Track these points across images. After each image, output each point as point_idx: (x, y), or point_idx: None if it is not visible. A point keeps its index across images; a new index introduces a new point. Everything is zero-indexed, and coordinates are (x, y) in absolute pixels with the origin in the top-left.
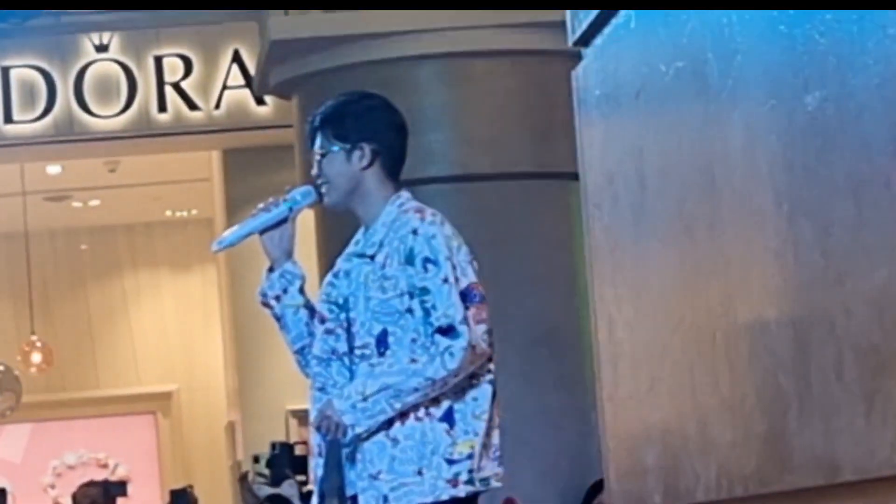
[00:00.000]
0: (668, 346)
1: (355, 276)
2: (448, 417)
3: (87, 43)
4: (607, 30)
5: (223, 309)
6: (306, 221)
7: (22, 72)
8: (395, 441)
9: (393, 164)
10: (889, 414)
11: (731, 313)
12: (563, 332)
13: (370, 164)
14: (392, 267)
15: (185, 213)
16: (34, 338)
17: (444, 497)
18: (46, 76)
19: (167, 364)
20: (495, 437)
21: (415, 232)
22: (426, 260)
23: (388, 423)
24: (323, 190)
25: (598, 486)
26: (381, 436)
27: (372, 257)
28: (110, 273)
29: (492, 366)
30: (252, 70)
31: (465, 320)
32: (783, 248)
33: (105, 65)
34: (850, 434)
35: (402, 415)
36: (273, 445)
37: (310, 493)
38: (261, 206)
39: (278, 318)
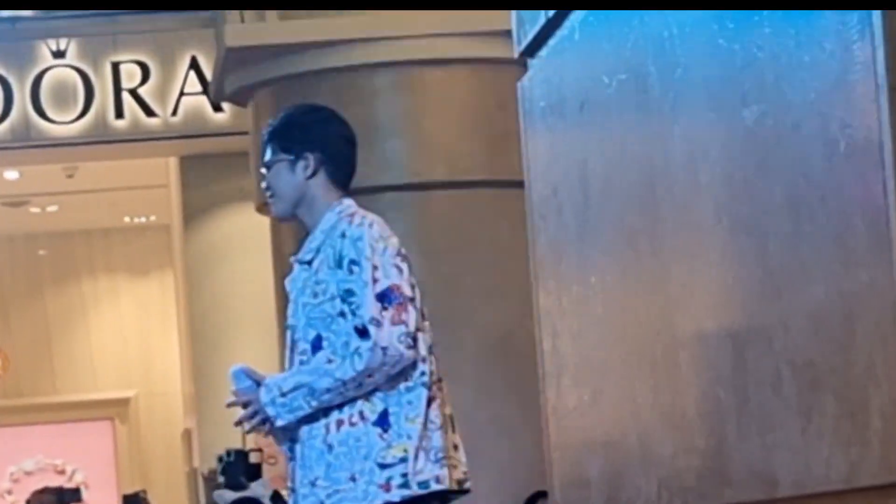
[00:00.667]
0: (610, 359)
1: (296, 283)
2: (383, 421)
3: (45, 49)
4: (552, 41)
5: (180, 315)
6: (263, 229)
7: None
8: (330, 447)
9: (339, 173)
10: (825, 429)
11: (671, 327)
12: (518, 341)
13: (314, 174)
14: (323, 271)
15: (143, 220)
16: None
17: (378, 502)
18: (3, 82)
19: (125, 370)
20: (437, 440)
21: (343, 235)
22: (351, 262)
23: (326, 429)
24: (270, 201)
25: (534, 498)
26: (318, 442)
27: (309, 263)
28: (68, 279)
29: (425, 367)
30: (209, 77)
31: (374, 321)
32: (722, 262)
33: (62, 71)
34: (787, 449)
35: (338, 421)
36: (228, 453)
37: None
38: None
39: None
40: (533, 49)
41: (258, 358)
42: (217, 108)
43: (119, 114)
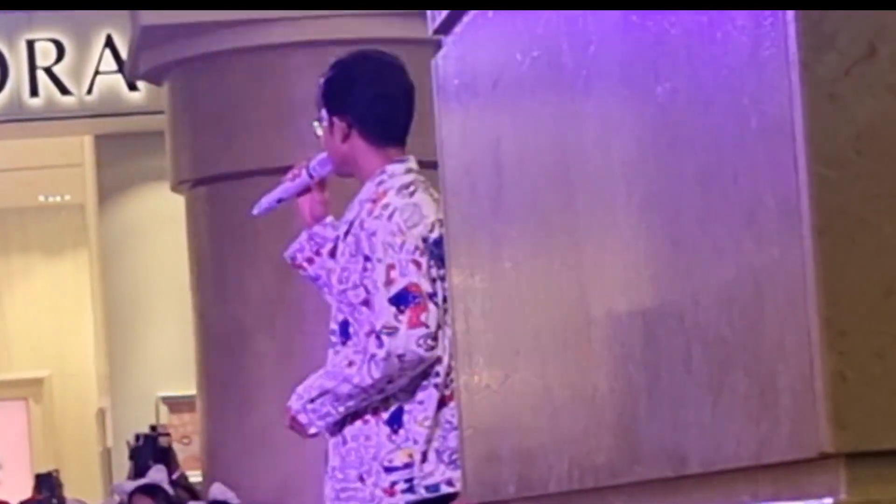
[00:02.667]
0: (522, 338)
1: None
2: (396, 420)
3: None
4: (466, 18)
5: (94, 295)
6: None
7: None
8: (344, 440)
9: (375, 133)
10: (735, 407)
11: (584, 305)
12: None
13: (347, 137)
14: (346, 257)
15: (58, 199)
16: None
17: None
18: None
19: (39, 350)
20: (452, 440)
21: (361, 226)
22: (366, 258)
23: (342, 420)
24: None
25: None
26: (336, 430)
27: (345, 235)
28: None
29: (439, 367)
30: (125, 55)
31: (386, 329)
32: (634, 239)
33: None
34: (697, 426)
35: (353, 414)
36: (137, 437)
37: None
38: (289, 174)
39: (314, 279)
40: (447, 27)
41: (172, 339)
42: (132, 87)
43: (34, 92)
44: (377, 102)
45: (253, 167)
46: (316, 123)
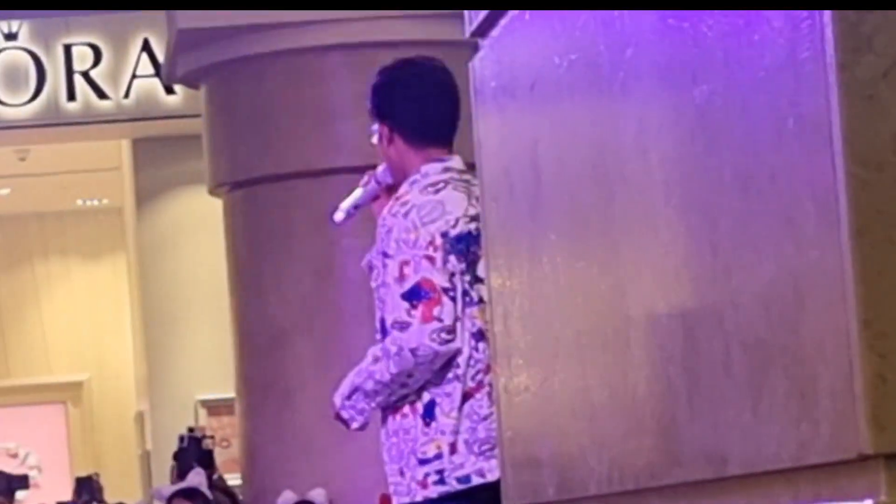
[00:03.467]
0: (561, 340)
1: None
2: (428, 413)
3: None
4: (503, 21)
5: (133, 298)
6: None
7: None
8: (388, 435)
9: (415, 134)
10: (775, 409)
11: (623, 307)
12: None
13: (391, 142)
14: (374, 254)
15: (95, 202)
16: None
17: (418, 499)
18: None
19: (78, 353)
20: (482, 431)
21: (383, 223)
22: (385, 255)
23: (386, 415)
24: None
25: None
26: (383, 426)
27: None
28: (21, 262)
29: (460, 359)
30: (161, 59)
31: (397, 324)
32: (673, 242)
33: (14, 53)
34: (737, 428)
35: (395, 409)
36: (181, 438)
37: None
38: (363, 180)
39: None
40: (484, 29)
41: (210, 342)
42: (169, 91)
43: (71, 96)
44: (414, 105)
45: (290, 170)
46: (370, 134)
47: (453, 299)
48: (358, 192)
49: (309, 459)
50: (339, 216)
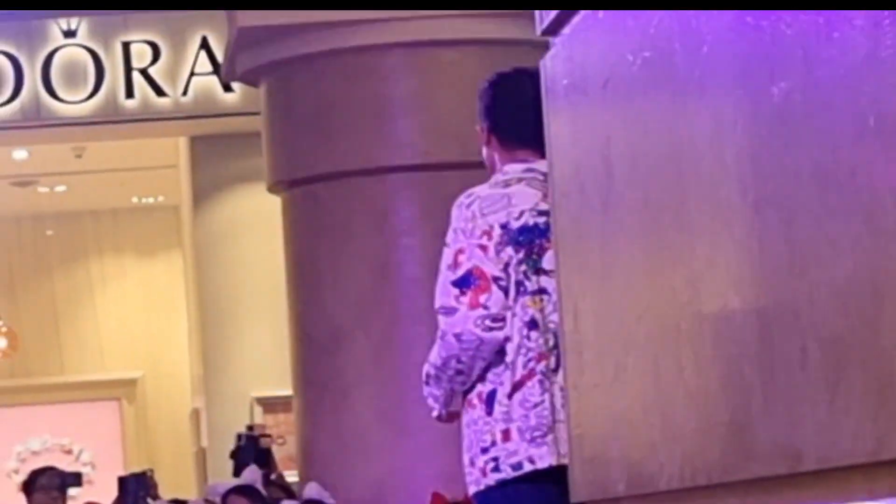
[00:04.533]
0: (632, 335)
1: None
2: (489, 401)
3: (55, 28)
4: (575, 19)
5: (189, 295)
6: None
7: None
8: (464, 427)
9: (507, 135)
10: (851, 403)
11: (695, 303)
12: None
13: (489, 142)
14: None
15: (151, 200)
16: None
17: (482, 487)
18: (14, 61)
19: (132, 350)
20: (534, 418)
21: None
22: (445, 244)
23: (462, 409)
24: None
25: None
26: (464, 415)
27: None
28: (76, 259)
29: (509, 346)
30: (220, 57)
31: (443, 309)
32: (748, 237)
33: (73, 50)
34: (813, 423)
35: (468, 402)
36: (239, 437)
37: (272, 478)
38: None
39: None
40: (555, 27)
41: (266, 340)
42: (227, 89)
43: (129, 93)
44: (510, 109)
45: (349, 168)
46: (478, 128)
47: (504, 289)
48: None
49: (364, 457)
50: None
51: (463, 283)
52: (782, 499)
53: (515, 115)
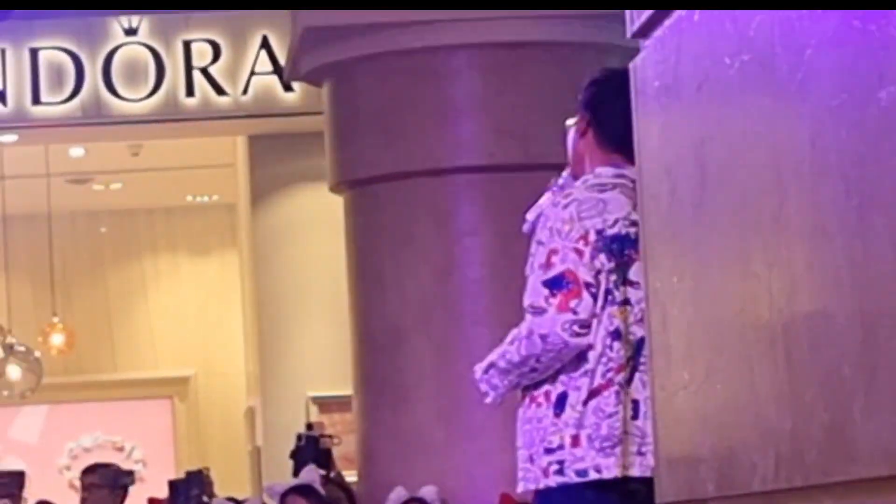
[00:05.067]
0: (725, 337)
1: None
2: (560, 404)
3: (116, 26)
4: (668, 21)
5: (245, 294)
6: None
7: (51, 53)
8: (523, 421)
9: (607, 136)
10: None
11: (793, 304)
12: None
13: (584, 133)
14: (532, 244)
15: (205, 199)
16: (56, 319)
17: (541, 486)
18: (75, 58)
19: (184, 349)
20: (605, 428)
21: (543, 212)
22: (538, 243)
23: (522, 403)
24: None
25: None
26: (521, 410)
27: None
28: (130, 257)
29: (591, 354)
30: (280, 56)
31: (532, 308)
32: (851, 240)
33: (134, 48)
34: None
35: (531, 398)
36: (299, 437)
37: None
38: (550, 183)
39: None
40: (647, 29)
41: (323, 339)
42: (287, 88)
43: (189, 92)
44: (614, 108)
45: (412, 168)
46: (569, 122)
47: (594, 296)
48: (543, 198)
49: (425, 457)
50: (526, 227)
51: (554, 285)
52: (883, 501)
53: (617, 115)
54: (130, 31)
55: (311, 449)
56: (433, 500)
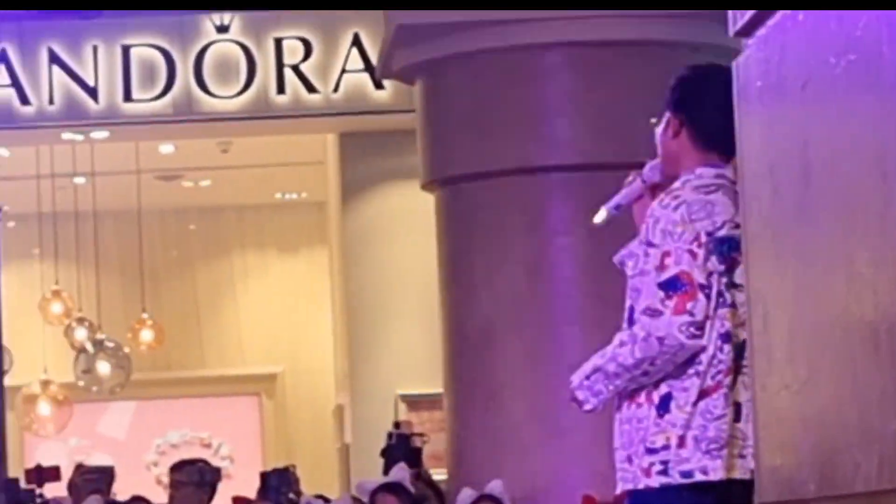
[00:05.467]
0: (828, 337)
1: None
2: (664, 405)
3: (208, 23)
4: (772, 20)
5: (334, 291)
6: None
7: (142, 51)
8: (621, 421)
9: (704, 136)
10: None
11: None
12: None
13: (677, 135)
14: (636, 244)
15: (295, 196)
16: (145, 315)
17: (641, 486)
18: (167, 55)
19: (272, 346)
20: (712, 430)
21: (651, 214)
22: (648, 244)
23: (620, 404)
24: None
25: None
26: (618, 413)
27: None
28: (218, 253)
29: (703, 356)
30: (371, 54)
31: (649, 311)
32: None
33: (225, 45)
34: None
35: (630, 396)
36: (390, 435)
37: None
38: (627, 180)
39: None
40: (750, 28)
41: (413, 337)
42: (378, 86)
43: (280, 89)
44: (712, 110)
45: (504, 167)
46: (654, 120)
47: (708, 297)
48: (622, 192)
49: (516, 457)
50: (599, 217)
51: (669, 287)
52: None
53: (712, 114)
54: (222, 29)
55: (401, 447)
56: (501, 494)
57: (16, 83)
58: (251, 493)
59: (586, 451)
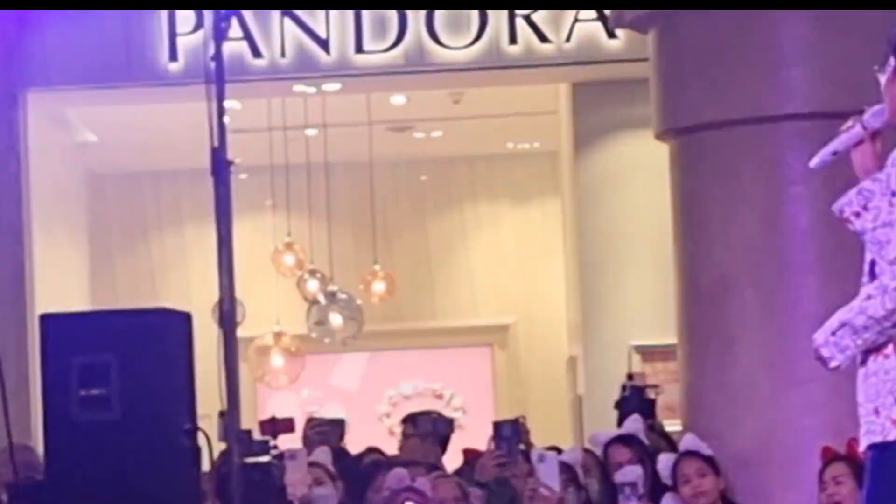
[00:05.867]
0: None
1: None
2: None
3: None
4: None
5: (566, 241)
6: None
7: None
8: (867, 374)
9: None
10: None
11: None
12: None
13: (893, 80)
14: (877, 196)
15: (527, 146)
16: (377, 267)
17: (891, 437)
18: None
19: (504, 297)
20: None
21: (893, 162)
22: (893, 193)
23: (865, 357)
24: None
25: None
26: (862, 367)
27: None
28: (450, 204)
29: None
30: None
31: None
32: None
33: None
34: None
35: (877, 349)
36: (623, 387)
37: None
38: (844, 126)
39: (860, 234)
40: None
41: (646, 288)
42: (611, 35)
43: (512, 39)
44: None
45: (738, 116)
46: (877, 67)
47: None
48: (839, 139)
49: (751, 408)
50: (815, 161)
51: None
52: None
53: None
54: None
55: (636, 399)
56: (697, 447)
57: (248, 36)
58: (482, 445)
59: (822, 402)
